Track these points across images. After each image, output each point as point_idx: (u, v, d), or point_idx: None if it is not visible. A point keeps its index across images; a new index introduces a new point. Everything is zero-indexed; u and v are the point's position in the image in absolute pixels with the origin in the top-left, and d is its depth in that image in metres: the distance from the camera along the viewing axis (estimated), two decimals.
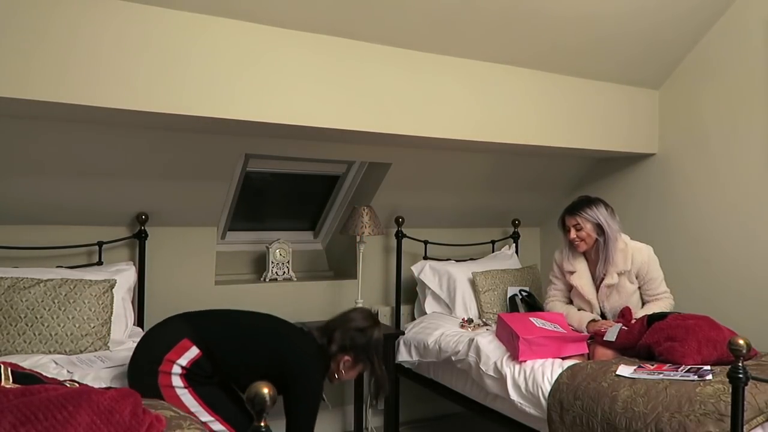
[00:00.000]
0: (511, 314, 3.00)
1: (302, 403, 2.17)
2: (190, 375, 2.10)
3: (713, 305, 3.19)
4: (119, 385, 2.06)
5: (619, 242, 2.92)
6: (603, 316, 2.98)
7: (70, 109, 2.24)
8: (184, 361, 2.10)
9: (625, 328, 2.67)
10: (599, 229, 2.91)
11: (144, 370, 2.11)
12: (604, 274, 2.94)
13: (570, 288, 3.09)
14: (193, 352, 2.12)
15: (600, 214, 2.91)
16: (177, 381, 2.08)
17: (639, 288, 2.98)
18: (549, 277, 3.21)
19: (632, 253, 2.92)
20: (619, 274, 2.92)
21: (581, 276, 3.01)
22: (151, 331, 2.25)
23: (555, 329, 2.71)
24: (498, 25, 2.84)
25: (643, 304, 2.99)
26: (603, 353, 2.65)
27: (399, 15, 2.62)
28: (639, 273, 2.94)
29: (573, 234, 2.94)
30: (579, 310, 3.03)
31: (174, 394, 2.06)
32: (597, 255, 2.97)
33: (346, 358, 2.32)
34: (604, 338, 2.68)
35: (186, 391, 2.08)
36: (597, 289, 2.99)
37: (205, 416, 2.08)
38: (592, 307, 2.99)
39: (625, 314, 2.81)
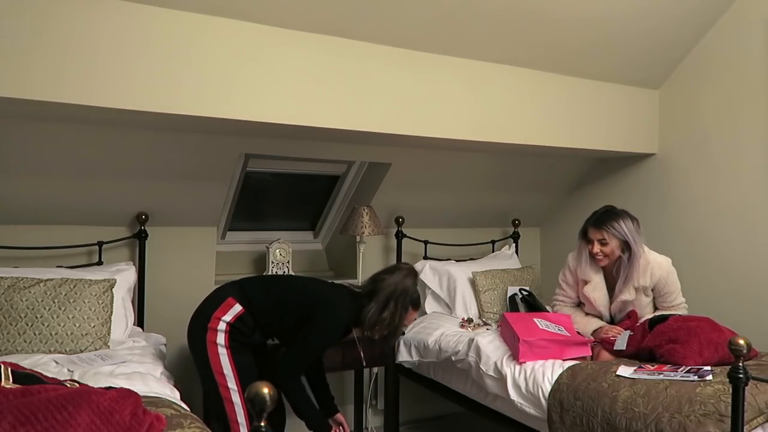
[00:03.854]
0: (515, 314, 2.95)
1: (314, 332, 2.41)
2: (233, 333, 2.40)
3: (713, 305, 3.19)
4: (121, 383, 2.06)
5: (642, 259, 2.77)
6: (611, 322, 2.91)
7: (69, 109, 2.23)
8: (228, 317, 2.41)
9: (632, 335, 2.63)
10: (625, 245, 2.76)
11: (198, 327, 2.44)
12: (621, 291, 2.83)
13: (578, 298, 3.01)
14: (237, 309, 2.43)
15: (627, 229, 2.74)
16: (221, 339, 2.38)
17: (654, 299, 2.89)
18: (559, 280, 3.09)
19: (652, 267, 2.79)
20: (636, 290, 2.81)
21: (596, 288, 2.89)
22: (206, 297, 2.54)
23: (560, 331, 2.68)
24: (498, 25, 2.84)
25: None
26: (606, 357, 2.63)
27: (399, 15, 2.62)
28: (656, 287, 2.82)
29: (597, 248, 2.78)
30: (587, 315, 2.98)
31: (216, 351, 2.38)
32: (618, 271, 2.82)
33: (374, 307, 2.46)
34: (615, 347, 2.61)
35: (225, 352, 2.38)
36: (611, 302, 2.89)
37: (232, 383, 2.37)
38: (603, 318, 2.93)
39: (631, 316, 2.78)
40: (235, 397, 2.36)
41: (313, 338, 2.43)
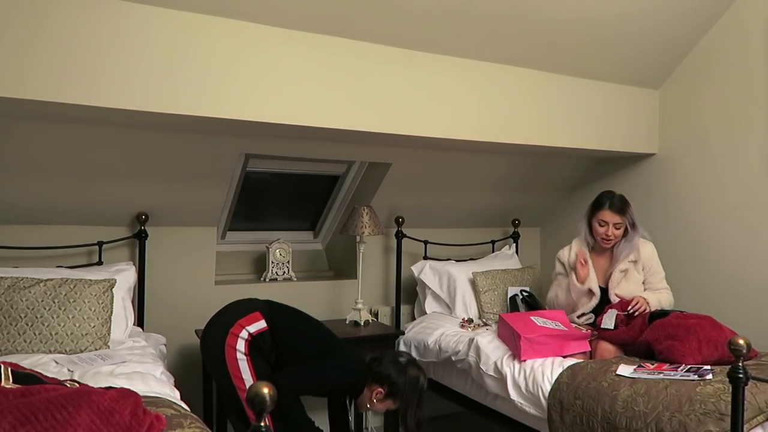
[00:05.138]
0: (512, 314, 3.00)
1: (318, 370, 2.42)
2: (253, 344, 2.39)
3: (713, 305, 3.19)
4: (121, 383, 2.06)
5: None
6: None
7: (69, 109, 2.24)
8: (252, 328, 2.41)
9: (620, 313, 2.71)
10: (631, 226, 3.00)
11: (218, 330, 2.42)
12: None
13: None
14: (261, 324, 2.43)
15: (633, 213, 3.01)
16: (241, 345, 2.37)
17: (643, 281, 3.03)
18: (554, 275, 3.21)
19: (639, 244, 3.02)
20: (631, 262, 3.00)
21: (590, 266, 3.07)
22: (231, 303, 2.56)
23: (557, 327, 2.71)
24: (498, 25, 2.84)
25: None
26: (605, 348, 2.65)
27: (399, 15, 2.62)
28: (645, 265, 3.02)
29: (611, 231, 2.98)
30: (577, 300, 3.06)
31: (234, 356, 2.36)
32: (612, 249, 3.04)
33: (379, 389, 2.42)
34: (602, 326, 2.71)
35: (245, 358, 2.36)
36: (608, 278, 3.02)
37: None
38: (593, 292, 3.02)
39: (621, 301, 2.84)
40: None
41: (313, 372, 2.43)
